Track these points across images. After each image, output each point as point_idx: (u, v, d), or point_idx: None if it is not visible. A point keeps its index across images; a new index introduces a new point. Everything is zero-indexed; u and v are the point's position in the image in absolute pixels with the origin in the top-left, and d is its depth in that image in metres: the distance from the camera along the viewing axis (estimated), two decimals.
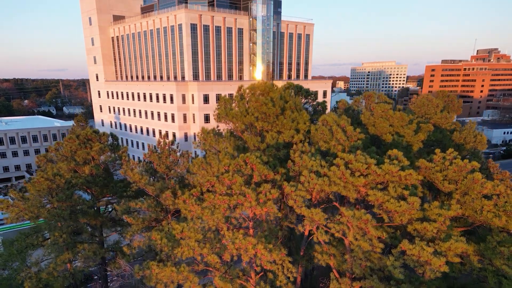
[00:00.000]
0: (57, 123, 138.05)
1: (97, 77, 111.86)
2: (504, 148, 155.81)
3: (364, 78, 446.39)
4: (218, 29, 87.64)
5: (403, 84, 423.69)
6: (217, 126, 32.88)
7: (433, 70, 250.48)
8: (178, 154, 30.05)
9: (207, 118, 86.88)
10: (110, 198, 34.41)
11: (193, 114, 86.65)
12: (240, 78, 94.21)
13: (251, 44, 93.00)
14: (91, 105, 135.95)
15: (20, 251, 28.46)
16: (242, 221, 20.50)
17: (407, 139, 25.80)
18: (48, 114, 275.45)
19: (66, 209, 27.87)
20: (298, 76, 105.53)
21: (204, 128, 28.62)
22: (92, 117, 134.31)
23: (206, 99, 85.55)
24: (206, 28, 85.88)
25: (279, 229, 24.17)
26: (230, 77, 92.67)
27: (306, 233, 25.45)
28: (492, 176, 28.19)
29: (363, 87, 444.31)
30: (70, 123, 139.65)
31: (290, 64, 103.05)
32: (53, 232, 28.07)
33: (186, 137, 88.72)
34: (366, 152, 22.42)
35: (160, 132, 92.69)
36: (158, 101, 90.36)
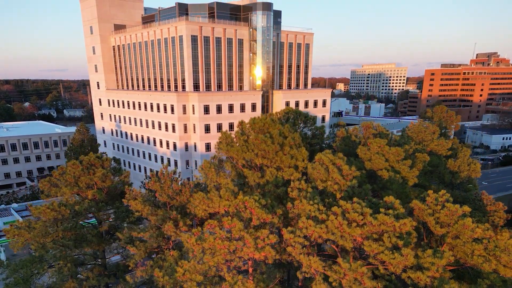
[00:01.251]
0: (58, 129, 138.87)
1: (98, 85, 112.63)
2: (504, 154, 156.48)
3: (364, 80, 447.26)
4: (218, 40, 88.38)
5: (403, 86, 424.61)
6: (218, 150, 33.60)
7: (432, 74, 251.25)
8: (180, 183, 30.78)
9: (207, 129, 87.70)
10: (113, 221, 35.17)
11: (194, 125, 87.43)
12: (240, 88, 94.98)
13: (251, 54, 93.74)
14: (92, 108, 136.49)
15: (26, 280, 29.20)
16: (241, 265, 21.22)
17: (402, 174, 26.63)
18: (48, 117, 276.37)
19: (71, 238, 28.63)
20: (298, 85, 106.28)
21: (205, 161, 29.38)
22: (92, 120, 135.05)
23: (206, 110, 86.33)
24: (206, 39, 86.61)
25: (278, 269, 24.95)
26: (230, 87, 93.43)
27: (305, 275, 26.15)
28: (485, 208, 28.93)
29: (363, 89, 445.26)
30: (71, 129, 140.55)
31: (290, 73, 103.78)
32: (58, 261, 28.84)
33: (186, 147, 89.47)
34: (361, 190, 23.14)
35: (160, 142, 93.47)
36: (159, 111, 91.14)
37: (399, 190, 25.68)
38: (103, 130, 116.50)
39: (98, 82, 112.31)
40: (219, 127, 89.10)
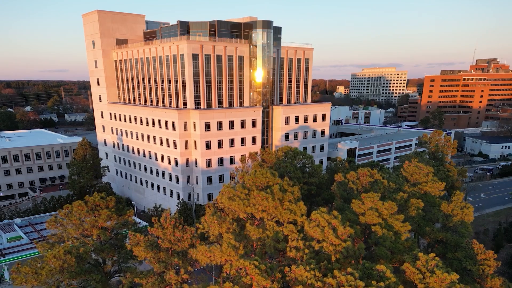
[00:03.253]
0: (60, 139, 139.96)
1: (100, 98, 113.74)
2: (503, 163, 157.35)
3: (364, 83, 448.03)
4: (219, 58, 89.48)
5: (403, 90, 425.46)
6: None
7: (432, 80, 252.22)
8: (182, 228, 31.83)
9: (208, 145, 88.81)
10: (116, 263, 36.25)
11: (195, 141, 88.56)
12: (241, 104, 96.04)
13: (251, 71, 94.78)
14: (93, 113, 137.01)
15: None
16: None
17: (395, 229, 27.70)
18: (50, 122, 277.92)
19: (77, 285, 29.78)
20: (298, 99, 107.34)
21: (208, 210, 30.46)
22: (93, 125, 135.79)
23: (207, 127, 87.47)
24: (207, 57, 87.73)
25: None
26: (231, 103, 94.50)
27: None
28: (476, 257, 29.97)
29: (363, 92, 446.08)
30: (73, 138, 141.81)
31: (290, 87, 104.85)
32: None
33: (187, 163, 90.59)
34: (356, 250, 24.21)
35: (162, 157, 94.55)
36: (160, 127, 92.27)
37: (391, 246, 26.76)
38: (105, 142, 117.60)
39: (100, 95, 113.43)
40: (220, 144, 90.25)
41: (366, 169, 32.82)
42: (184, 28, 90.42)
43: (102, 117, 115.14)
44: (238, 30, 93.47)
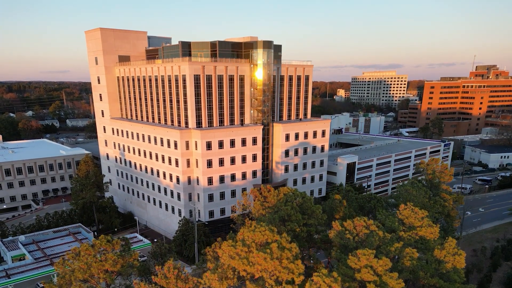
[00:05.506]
0: (63, 150, 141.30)
1: (102, 113, 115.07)
2: (503, 174, 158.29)
3: (364, 87, 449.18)
4: (220, 78, 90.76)
5: (403, 93, 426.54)
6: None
7: (432, 87, 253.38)
8: (184, 275, 33.11)
9: (209, 164, 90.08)
10: None
11: (196, 160, 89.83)
12: (242, 122, 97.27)
13: (252, 89, 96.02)
14: (94, 118, 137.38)
15: None
16: None
17: (390, 286, 28.91)
18: (51, 128, 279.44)
19: None
20: (298, 116, 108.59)
21: (208, 274, 31.51)
22: (95, 131, 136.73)
23: (209, 146, 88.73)
24: (208, 78, 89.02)
25: None
26: (232, 121, 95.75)
27: None
28: None
29: (363, 96, 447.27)
30: (75, 150, 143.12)
31: (290, 104, 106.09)
32: None
33: (189, 180, 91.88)
34: None
35: (164, 174, 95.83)
36: (162, 145, 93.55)
37: None
38: (107, 156, 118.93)
39: (102, 110, 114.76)
40: (221, 162, 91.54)
41: (362, 220, 34.00)
42: (186, 48, 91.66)
43: (105, 132, 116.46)
44: (239, 50, 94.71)
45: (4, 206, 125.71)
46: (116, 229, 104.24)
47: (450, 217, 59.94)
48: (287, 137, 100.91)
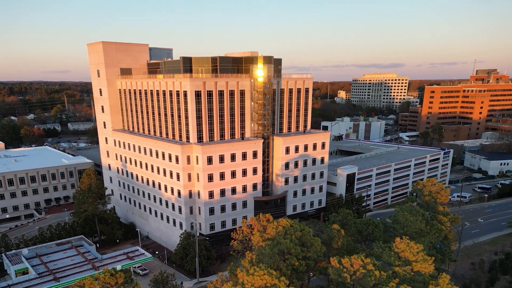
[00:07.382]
0: (65, 159, 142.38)
1: (104, 125, 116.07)
2: (502, 181, 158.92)
3: (365, 88, 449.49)
4: (221, 93, 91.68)
5: (404, 95, 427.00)
6: None
7: (432, 92, 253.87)
8: None
9: (210, 178, 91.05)
10: None
11: (198, 174, 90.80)
12: (242, 135, 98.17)
13: (252, 103, 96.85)
14: (95, 122, 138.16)
15: None
16: None
17: None
18: (53, 131, 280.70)
19: None
20: (298, 128, 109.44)
21: None
22: (96, 136, 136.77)
23: (210, 160, 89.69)
24: (209, 93, 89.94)
25: None
26: (232, 135, 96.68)
27: None
28: None
29: (364, 98, 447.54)
30: (78, 159, 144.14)
31: (290, 117, 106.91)
32: None
33: (190, 194, 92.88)
34: None
35: (165, 187, 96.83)
36: (163, 159, 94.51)
37: None
38: (109, 167, 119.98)
39: (104, 122, 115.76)
40: (222, 176, 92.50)
41: (359, 258, 34.96)
42: (187, 63, 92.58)
43: (107, 143, 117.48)
44: (239, 65, 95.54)
45: (7, 216, 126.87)
46: (118, 241, 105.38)
47: (448, 239, 60.87)
48: (287, 150, 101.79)
